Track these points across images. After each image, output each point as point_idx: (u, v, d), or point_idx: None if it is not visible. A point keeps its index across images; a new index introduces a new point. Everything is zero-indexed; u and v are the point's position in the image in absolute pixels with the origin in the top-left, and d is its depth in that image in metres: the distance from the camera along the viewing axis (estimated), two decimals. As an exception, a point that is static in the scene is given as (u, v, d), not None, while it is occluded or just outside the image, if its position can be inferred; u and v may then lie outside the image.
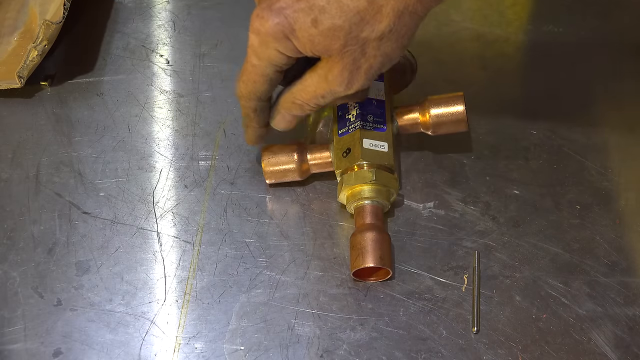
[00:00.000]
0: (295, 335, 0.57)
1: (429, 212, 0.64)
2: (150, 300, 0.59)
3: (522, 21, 0.83)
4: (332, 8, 0.52)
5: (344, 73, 0.54)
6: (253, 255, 0.61)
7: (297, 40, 0.53)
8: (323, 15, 0.52)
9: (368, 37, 0.52)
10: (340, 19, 0.52)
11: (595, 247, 0.61)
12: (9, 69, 0.71)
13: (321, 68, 0.55)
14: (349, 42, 0.52)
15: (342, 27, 0.52)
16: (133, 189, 0.66)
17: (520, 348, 0.56)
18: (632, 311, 0.58)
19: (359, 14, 0.52)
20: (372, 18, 0.52)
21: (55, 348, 0.56)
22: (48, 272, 0.60)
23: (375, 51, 0.53)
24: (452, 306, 0.58)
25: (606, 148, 0.69)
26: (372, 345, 0.56)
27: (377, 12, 0.52)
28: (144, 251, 0.62)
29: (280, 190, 0.66)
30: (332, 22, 0.52)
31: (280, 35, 0.53)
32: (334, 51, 0.53)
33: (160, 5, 0.84)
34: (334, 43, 0.53)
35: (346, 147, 0.62)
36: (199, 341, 0.57)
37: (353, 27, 0.52)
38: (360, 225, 0.60)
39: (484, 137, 0.70)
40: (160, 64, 0.77)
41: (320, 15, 0.52)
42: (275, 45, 0.54)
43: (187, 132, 0.71)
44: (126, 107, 0.73)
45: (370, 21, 0.52)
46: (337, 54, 0.53)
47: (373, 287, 0.59)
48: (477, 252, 0.61)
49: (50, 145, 0.69)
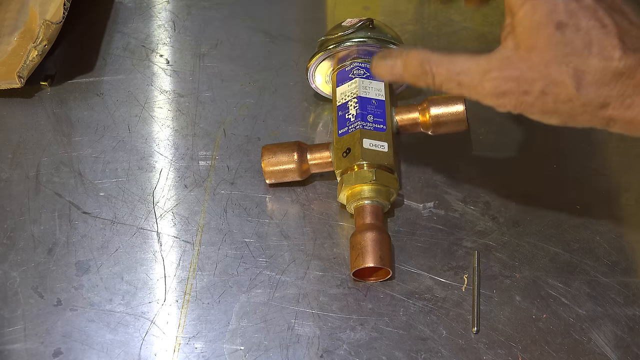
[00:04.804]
0: (295, 335, 0.57)
1: (429, 212, 0.64)
2: (150, 300, 0.59)
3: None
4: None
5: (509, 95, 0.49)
6: (253, 255, 0.61)
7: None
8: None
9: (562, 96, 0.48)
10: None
11: (595, 247, 0.61)
12: (9, 69, 0.71)
13: (496, 66, 0.49)
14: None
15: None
16: (133, 189, 0.66)
17: (520, 348, 0.56)
18: (632, 311, 0.58)
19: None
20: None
21: (55, 348, 0.56)
22: (48, 272, 0.60)
23: (554, 106, 0.49)
24: (452, 306, 0.58)
25: (606, 148, 0.69)
26: (372, 345, 0.56)
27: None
28: (144, 251, 0.62)
29: (280, 190, 0.66)
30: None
31: (497, 96, 0.49)
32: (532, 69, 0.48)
33: (160, 5, 0.84)
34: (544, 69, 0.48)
35: (346, 147, 0.62)
36: (199, 341, 0.57)
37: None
38: (360, 225, 0.60)
39: (484, 137, 0.70)
40: (160, 64, 0.77)
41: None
42: (488, 101, 0.50)
43: (187, 132, 0.71)
44: (126, 107, 0.73)
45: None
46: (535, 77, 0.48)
47: (373, 287, 0.59)
48: (477, 252, 0.61)
49: (50, 145, 0.69)
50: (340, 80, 0.67)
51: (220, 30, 0.81)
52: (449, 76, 0.51)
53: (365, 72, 0.66)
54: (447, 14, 0.82)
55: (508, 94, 0.49)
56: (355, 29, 0.67)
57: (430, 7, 0.84)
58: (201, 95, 0.74)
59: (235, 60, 0.78)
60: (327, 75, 0.70)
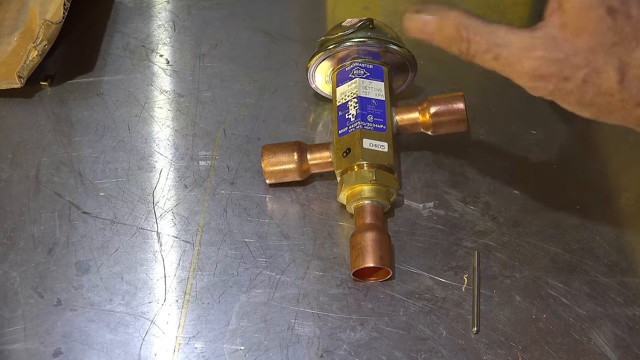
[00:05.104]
0: (295, 335, 0.57)
1: (429, 212, 0.64)
2: (150, 300, 0.59)
3: (522, 21, 0.83)
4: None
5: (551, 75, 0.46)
6: (253, 255, 0.61)
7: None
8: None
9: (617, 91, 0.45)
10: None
11: (595, 247, 0.61)
12: (9, 69, 0.71)
13: (541, 45, 0.45)
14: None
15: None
16: (133, 189, 0.66)
17: (520, 348, 0.56)
18: (632, 311, 0.58)
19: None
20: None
21: (55, 348, 0.56)
22: (48, 272, 0.60)
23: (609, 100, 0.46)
24: (452, 306, 0.58)
25: (606, 148, 0.69)
26: (372, 345, 0.56)
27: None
28: (144, 251, 0.62)
29: (280, 190, 0.66)
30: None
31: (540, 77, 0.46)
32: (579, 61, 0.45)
33: (160, 5, 0.84)
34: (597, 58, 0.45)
35: (346, 147, 0.62)
36: (199, 341, 0.57)
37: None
38: (360, 225, 0.60)
39: (484, 137, 0.70)
40: (160, 64, 0.77)
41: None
42: (524, 81, 0.47)
43: (187, 132, 0.71)
44: (126, 107, 0.73)
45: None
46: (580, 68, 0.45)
47: (373, 287, 0.59)
48: (477, 252, 0.61)
49: (50, 145, 0.69)
50: (340, 80, 0.67)
51: (220, 30, 0.81)
52: (486, 47, 0.47)
53: (365, 72, 0.66)
54: (447, 14, 0.82)
55: (547, 77, 0.46)
56: (355, 29, 0.67)
57: (430, 7, 0.84)
58: (201, 95, 0.74)
59: (235, 60, 0.78)
60: (327, 75, 0.70)
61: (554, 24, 0.46)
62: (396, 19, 0.82)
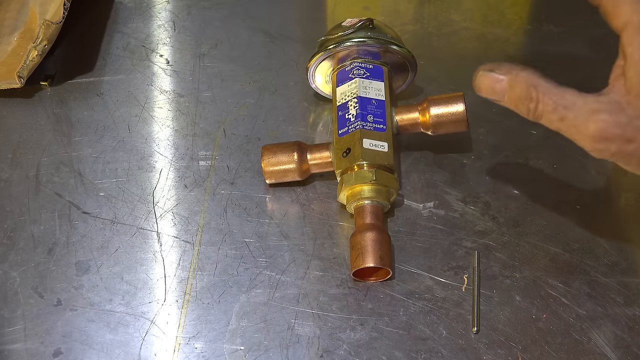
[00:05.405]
0: (295, 335, 0.57)
1: (429, 212, 0.64)
2: (150, 300, 0.59)
3: (522, 21, 0.83)
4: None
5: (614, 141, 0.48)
6: (253, 255, 0.61)
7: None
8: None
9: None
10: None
11: (595, 247, 0.61)
12: (9, 69, 0.71)
13: (606, 109, 0.48)
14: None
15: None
16: (133, 189, 0.66)
17: (520, 348, 0.56)
18: (632, 311, 0.58)
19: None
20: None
21: (55, 348, 0.56)
22: (48, 272, 0.60)
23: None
24: (452, 306, 0.58)
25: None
26: (372, 345, 0.56)
27: None
28: (144, 251, 0.62)
29: (280, 190, 0.66)
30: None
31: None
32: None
33: (160, 5, 0.84)
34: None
35: (346, 147, 0.62)
36: (199, 341, 0.57)
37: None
38: (360, 225, 0.60)
39: (484, 137, 0.70)
40: (160, 64, 0.77)
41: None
42: (588, 143, 0.48)
43: (187, 132, 0.71)
44: (126, 107, 0.73)
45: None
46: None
47: (373, 287, 0.59)
48: (477, 252, 0.61)
49: (50, 145, 0.69)
50: (340, 80, 0.67)
51: (220, 30, 0.81)
52: (553, 108, 0.49)
53: (365, 72, 0.66)
54: (447, 13, 0.83)
55: (611, 140, 0.47)
56: (355, 29, 0.67)
57: (430, 7, 0.84)
58: (201, 95, 0.74)
59: (235, 60, 0.78)
60: (327, 75, 0.70)
61: (618, 89, 0.48)
62: (396, 19, 0.82)
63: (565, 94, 0.49)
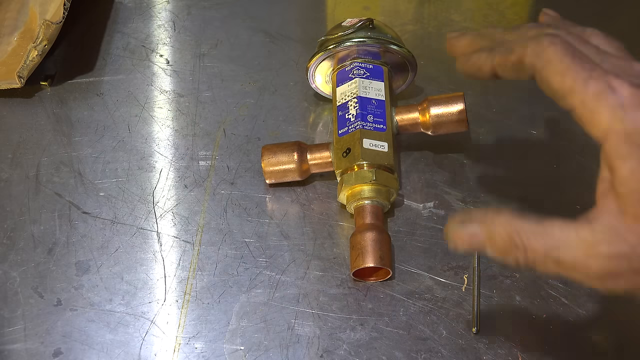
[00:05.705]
0: (295, 335, 0.57)
1: (429, 212, 0.64)
2: (150, 300, 0.59)
3: (522, 21, 0.83)
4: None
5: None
6: (253, 255, 0.61)
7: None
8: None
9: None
10: None
11: (595, 247, 0.61)
12: (9, 69, 0.71)
13: (603, 240, 0.41)
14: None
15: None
16: (133, 189, 0.66)
17: (520, 348, 0.56)
18: (632, 311, 0.58)
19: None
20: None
21: (55, 348, 0.56)
22: (48, 272, 0.60)
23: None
24: (452, 306, 0.58)
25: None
26: (372, 345, 0.56)
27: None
28: (144, 251, 0.62)
29: (280, 190, 0.66)
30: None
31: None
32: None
33: (160, 5, 0.84)
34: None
35: (346, 147, 0.62)
36: (199, 341, 0.57)
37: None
38: (360, 225, 0.60)
39: (484, 137, 0.70)
40: (160, 64, 0.77)
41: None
42: (595, 283, 0.42)
43: (187, 132, 0.71)
44: (126, 107, 0.73)
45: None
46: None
47: (373, 287, 0.59)
48: (477, 252, 0.61)
49: (50, 145, 0.69)
50: (340, 80, 0.67)
51: (220, 30, 0.81)
52: (544, 252, 0.42)
53: (365, 72, 0.66)
54: (447, 13, 0.83)
55: (618, 275, 0.41)
56: (355, 29, 0.67)
57: (430, 7, 0.84)
58: (201, 95, 0.74)
59: (235, 60, 0.78)
60: (327, 75, 0.70)
61: (610, 211, 0.42)
62: (396, 19, 0.82)
63: (552, 230, 0.42)
